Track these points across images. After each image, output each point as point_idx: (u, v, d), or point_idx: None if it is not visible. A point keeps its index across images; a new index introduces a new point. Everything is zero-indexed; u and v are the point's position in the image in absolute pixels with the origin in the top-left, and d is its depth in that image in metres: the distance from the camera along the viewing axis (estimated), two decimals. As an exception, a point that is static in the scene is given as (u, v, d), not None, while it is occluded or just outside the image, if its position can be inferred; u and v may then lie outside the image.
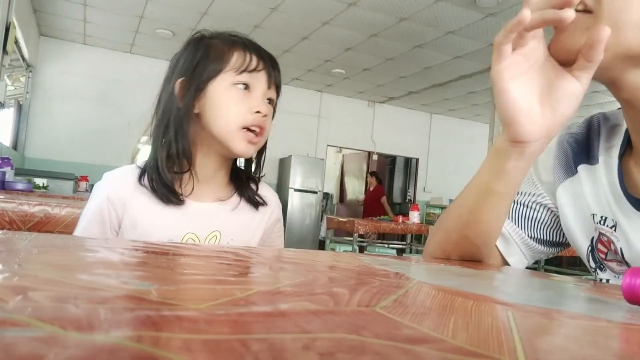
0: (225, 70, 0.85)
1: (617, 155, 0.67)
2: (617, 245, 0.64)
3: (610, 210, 0.65)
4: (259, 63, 0.88)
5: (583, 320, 0.32)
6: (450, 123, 9.54)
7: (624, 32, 0.54)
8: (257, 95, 0.87)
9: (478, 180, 0.65)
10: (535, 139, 0.58)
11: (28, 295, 0.22)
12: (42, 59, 6.66)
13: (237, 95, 0.85)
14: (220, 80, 0.85)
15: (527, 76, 0.57)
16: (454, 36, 5.48)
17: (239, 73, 0.85)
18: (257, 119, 0.86)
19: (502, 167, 0.61)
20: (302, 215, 7.73)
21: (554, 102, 0.57)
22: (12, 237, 0.46)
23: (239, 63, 0.86)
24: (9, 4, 4.08)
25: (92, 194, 0.86)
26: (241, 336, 0.19)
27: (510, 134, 0.58)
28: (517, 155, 0.59)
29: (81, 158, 6.63)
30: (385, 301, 0.30)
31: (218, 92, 0.85)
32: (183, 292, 0.27)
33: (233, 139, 0.85)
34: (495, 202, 0.65)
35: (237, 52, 0.87)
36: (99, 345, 0.16)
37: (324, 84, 8.04)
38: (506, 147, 0.60)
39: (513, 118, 0.57)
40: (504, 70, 0.56)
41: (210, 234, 0.88)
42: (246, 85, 0.86)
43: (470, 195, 0.66)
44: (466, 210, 0.67)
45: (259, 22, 5.52)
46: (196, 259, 0.44)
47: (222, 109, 0.85)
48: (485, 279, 0.51)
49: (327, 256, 0.63)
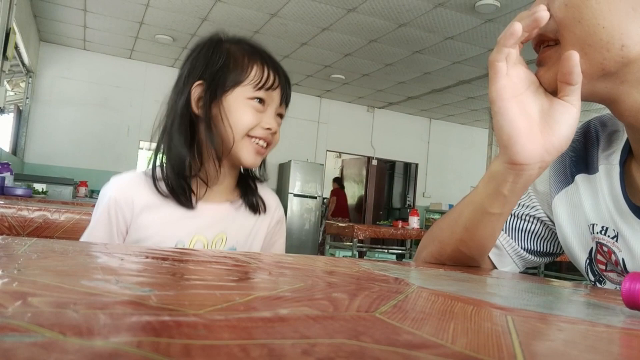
0: (244, 83, 0.86)
1: (618, 161, 0.66)
2: (619, 256, 0.63)
3: (611, 220, 0.64)
4: (276, 80, 0.89)
5: (583, 325, 0.32)
6: (450, 128, 9.56)
7: (593, 55, 0.54)
8: (270, 112, 0.89)
9: (473, 199, 0.65)
10: (534, 161, 0.56)
11: (27, 300, 0.22)
12: (42, 64, 6.68)
13: (251, 110, 0.87)
14: (238, 92, 0.86)
15: (525, 97, 0.56)
16: (453, 41, 5.50)
17: (257, 89, 0.87)
18: (267, 134, 0.88)
19: (498, 189, 0.60)
20: (302, 221, 7.73)
21: (552, 123, 0.56)
22: (11, 242, 0.46)
23: (257, 78, 0.87)
24: (9, 9, 4.10)
25: (99, 198, 0.87)
26: (241, 341, 0.19)
27: (509, 155, 0.57)
28: (514, 178, 0.58)
29: (81, 163, 6.63)
30: (385, 306, 0.30)
31: (234, 104, 0.86)
32: (182, 298, 0.27)
33: (241, 148, 0.87)
34: (490, 221, 0.64)
35: (257, 65, 0.88)
36: (99, 351, 0.16)
37: (324, 89, 8.06)
38: (503, 170, 0.58)
39: (512, 139, 0.56)
40: (502, 89, 0.55)
41: (217, 236, 0.89)
42: (261, 100, 0.88)
43: (465, 213, 0.66)
44: (461, 228, 0.66)
45: (259, 27, 5.54)
46: (196, 264, 0.44)
47: (235, 116, 0.86)
48: (485, 284, 0.51)
49: (326, 261, 0.63)
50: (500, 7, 4.53)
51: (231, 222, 0.92)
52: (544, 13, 0.53)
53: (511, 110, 0.55)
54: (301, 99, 8.34)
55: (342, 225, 4.89)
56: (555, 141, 0.56)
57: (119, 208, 0.84)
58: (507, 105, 0.55)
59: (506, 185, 0.59)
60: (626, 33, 0.53)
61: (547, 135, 0.56)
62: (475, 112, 8.59)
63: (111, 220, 0.84)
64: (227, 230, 0.90)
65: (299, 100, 8.31)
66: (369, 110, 8.92)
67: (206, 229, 0.88)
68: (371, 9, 4.82)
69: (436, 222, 0.77)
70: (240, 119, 0.86)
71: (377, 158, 9.24)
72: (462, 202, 0.68)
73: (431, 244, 0.73)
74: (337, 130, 8.67)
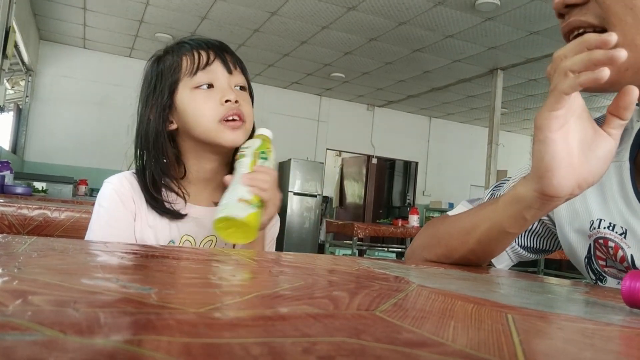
0: (181, 78, 0.86)
1: (628, 157, 0.65)
2: (627, 252, 0.62)
3: (620, 216, 0.63)
4: (209, 56, 0.87)
5: (583, 323, 0.32)
6: (450, 127, 9.55)
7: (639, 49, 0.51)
8: (220, 86, 0.86)
9: (491, 217, 0.63)
10: (565, 194, 0.54)
11: (28, 299, 0.22)
12: (41, 63, 6.67)
13: (202, 96, 0.85)
14: (181, 89, 0.86)
15: (569, 128, 0.53)
16: (453, 40, 5.49)
17: (193, 75, 0.86)
18: (230, 107, 0.85)
19: (521, 214, 0.59)
20: (302, 219, 7.73)
21: (590, 157, 0.54)
22: (11, 241, 0.46)
23: (189, 65, 0.86)
24: (9, 8, 4.09)
25: (99, 197, 0.86)
26: (241, 340, 0.19)
27: (541, 186, 0.54)
28: (539, 206, 0.57)
29: (80, 162, 6.63)
30: (385, 305, 0.30)
31: (184, 102, 0.86)
32: (183, 296, 0.27)
33: (217, 134, 0.84)
34: (506, 239, 0.64)
35: (185, 56, 0.87)
36: (99, 349, 0.16)
37: (323, 88, 8.05)
38: (531, 197, 0.56)
39: (550, 172, 0.53)
40: (555, 119, 0.52)
41: (207, 238, 0.88)
42: (208, 84, 0.86)
43: (481, 228, 0.65)
44: (475, 240, 0.66)
45: (259, 26, 5.53)
46: (196, 262, 0.44)
47: (193, 114, 0.85)
48: (485, 283, 0.51)
49: (326, 260, 0.63)
50: (500, 6, 4.53)
51: None
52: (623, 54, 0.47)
53: (556, 142, 0.52)
54: (301, 97, 8.34)
55: (342, 224, 4.89)
56: (589, 177, 0.54)
57: (126, 198, 0.85)
58: (553, 137, 0.52)
59: (530, 212, 0.58)
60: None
61: (582, 170, 0.53)
62: (475, 111, 8.58)
63: (126, 207, 0.84)
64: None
65: (298, 98, 8.31)
66: (369, 109, 8.91)
67: (196, 230, 0.87)
68: (371, 8, 4.81)
69: (439, 223, 0.76)
70: (199, 113, 0.85)
71: (377, 156, 9.24)
72: (478, 214, 0.66)
73: (437, 246, 0.73)
74: (337, 129, 8.67)
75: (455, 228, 0.70)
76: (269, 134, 0.87)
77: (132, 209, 0.85)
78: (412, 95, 7.96)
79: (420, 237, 0.80)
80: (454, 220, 0.72)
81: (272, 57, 6.60)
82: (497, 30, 5.10)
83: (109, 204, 0.84)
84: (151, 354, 0.16)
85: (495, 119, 6.39)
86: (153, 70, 0.90)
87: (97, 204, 0.86)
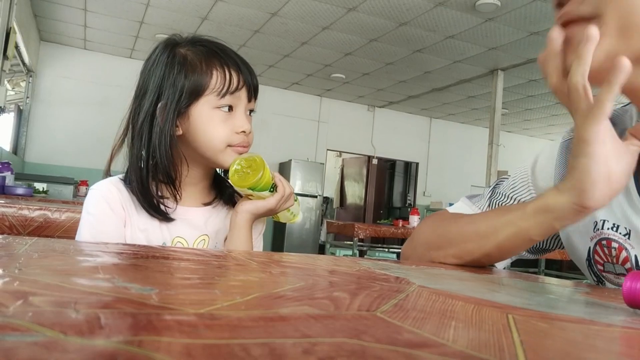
0: (206, 93, 0.82)
1: None
2: (631, 253, 0.62)
3: (624, 217, 0.63)
4: (240, 80, 0.84)
5: (584, 324, 0.32)
6: (450, 127, 9.55)
7: (635, 37, 0.51)
8: (239, 115, 0.85)
9: (516, 222, 0.62)
10: (601, 206, 0.54)
11: (28, 299, 0.22)
12: (42, 64, 6.68)
13: (220, 118, 0.83)
14: (203, 103, 0.82)
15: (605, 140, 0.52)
16: (453, 40, 5.49)
17: (222, 97, 0.82)
18: (242, 138, 0.85)
19: (550, 224, 0.58)
20: (302, 220, 7.72)
21: (619, 170, 0.54)
22: (12, 241, 0.46)
23: (219, 84, 0.82)
24: (10, 9, 4.10)
25: (87, 205, 0.84)
26: (242, 341, 0.19)
27: (582, 199, 0.53)
28: (572, 217, 0.56)
29: (81, 163, 6.63)
30: (386, 305, 0.30)
31: (201, 117, 0.83)
32: (183, 297, 0.27)
33: (222, 156, 0.85)
34: (527, 245, 0.64)
35: (216, 70, 0.83)
36: (100, 350, 0.16)
37: (324, 89, 8.05)
38: (568, 209, 0.55)
39: (594, 185, 0.52)
40: (602, 132, 0.51)
41: (199, 238, 0.88)
42: (229, 107, 0.84)
43: (503, 233, 0.63)
44: (493, 245, 0.65)
45: (259, 27, 5.54)
46: (196, 263, 0.44)
47: (206, 133, 0.83)
48: (486, 283, 0.51)
49: (327, 260, 0.63)
50: (500, 6, 4.53)
51: (213, 223, 0.90)
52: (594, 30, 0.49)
53: (603, 155, 0.52)
54: (301, 98, 8.34)
55: (343, 224, 4.89)
56: (619, 189, 0.54)
57: (115, 205, 0.83)
58: (601, 150, 0.52)
59: (562, 222, 0.58)
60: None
61: (616, 182, 0.53)
62: (476, 111, 8.58)
63: (116, 213, 0.83)
64: (208, 231, 0.89)
65: (299, 99, 8.30)
66: (370, 110, 8.91)
67: (187, 231, 0.87)
68: (371, 8, 4.82)
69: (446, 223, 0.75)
70: (212, 133, 0.83)
71: (377, 157, 9.24)
72: (498, 219, 0.65)
73: (447, 247, 0.71)
74: (337, 130, 8.67)
75: (469, 230, 0.69)
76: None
77: (121, 216, 0.84)
78: (412, 95, 7.96)
79: (422, 233, 0.78)
80: (467, 222, 0.70)
81: (272, 58, 6.60)
82: (498, 30, 5.10)
83: (98, 211, 0.83)
84: (151, 354, 0.16)
85: (495, 119, 6.38)
86: (173, 64, 0.83)
87: (84, 211, 0.84)
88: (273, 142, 7.81)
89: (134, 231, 0.84)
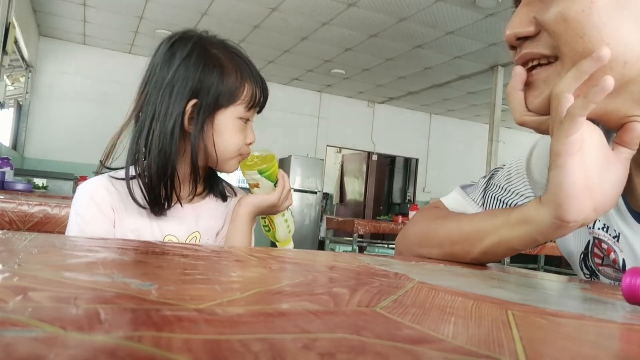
0: (237, 103, 0.85)
1: None
2: (619, 256, 0.62)
3: (613, 220, 0.63)
4: (262, 97, 0.90)
5: (583, 320, 0.32)
6: (450, 123, 9.55)
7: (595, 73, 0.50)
8: (250, 127, 0.90)
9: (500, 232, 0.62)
10: (582, 219, 0.53)
11: (28, 295, 0.22)
12: (41, 59, 6.66)
13: (238, 128, 0.87)
14: (230, 112, 0.85)
15: (584, 151, 0.52)
16: (453, 36, 5.48)
17: (248, 109, 0.87)
18: (248, 149, 0.91)
19: (532, 236, 0.58)
20: (302, 216, 7.73)
21: (605, 181, 0.53)
22: (11, 237, 0.46)
23: (248, 98, 0.86)
24: (9, 4, 4.08)
25: (75, 205, 0.83)
26: (241, 336, 0.19)
27: (559, 212, 0.53)
28: (552, 231, 0.56)
29: (81, 158, 6.62)
30: (386, 301, 0.30)
31: (225, 123, 0.85)
32: (183, 292, 0.27)
33: (227, 162, 0.88)
34: (512, 253, 0.64)
35: (248, 84, 0.86)
36: (100, 345, 0.16)
37: (324, 84, 8.04)
38: (547, 222, 0.55)
39: (569, 198, 0.52)
40: (572, 143, 0.51)
41: (190, 235, 0.89)
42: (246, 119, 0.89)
43: (488, 241, 0.63)
44: (479, 251, 0.65)
45: (259, 22, 5.52)
46: (196, 259, 0.44)
47: (224, 139, 0.85)
48: (485, 279, 0.51)
49: (326, 256, 0.63)
50: (500, 2, 4.52)
51: (205, 219, 0.91)
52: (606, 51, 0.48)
53: (575, 166, 0.51)
54: (301, 94, 8.33)
55: (342, 220, 4.90)
56: (604, 201, 0.53)
57: (104, 206, 0.83)
58: (572, 161, 0.51)
59: (543, 235, 0.57)
60: (630, 50, 0.50)
61: (599, 194, 0.53)
62: (476, 107, 8.57)
63: (105, 214, 0.83)
64: (200, 227, 0.90)
65: (298, 95, 8.29)
66: (369, 105, 8.90)
67: (178, 228, 0.87)
68: (371, 4, 4.80)
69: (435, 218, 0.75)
70: (229, 141, 0.86)
71: (377, 153, 9.23)
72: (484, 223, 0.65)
73: (435, 248, 0.71)
74: (337, 125, 8.66)
75: (457, 234, 0.68)
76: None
77: (110, 217, 0.83)
78: (412, 91, 7.96)
79: (415, 226, 0.78)
80: (456, 222, 0.70)
81: (272, 53, 6.59)
82: (498, 26, 5.08)
83: (86, 211, 0.83)
84: (151, 350, 0.16)
85: (495, 115, 6.38)
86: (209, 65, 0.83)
87: (73, 211, 0.84)
88: (273, 138, 7.81)
89: (124, 232, 0.84)
